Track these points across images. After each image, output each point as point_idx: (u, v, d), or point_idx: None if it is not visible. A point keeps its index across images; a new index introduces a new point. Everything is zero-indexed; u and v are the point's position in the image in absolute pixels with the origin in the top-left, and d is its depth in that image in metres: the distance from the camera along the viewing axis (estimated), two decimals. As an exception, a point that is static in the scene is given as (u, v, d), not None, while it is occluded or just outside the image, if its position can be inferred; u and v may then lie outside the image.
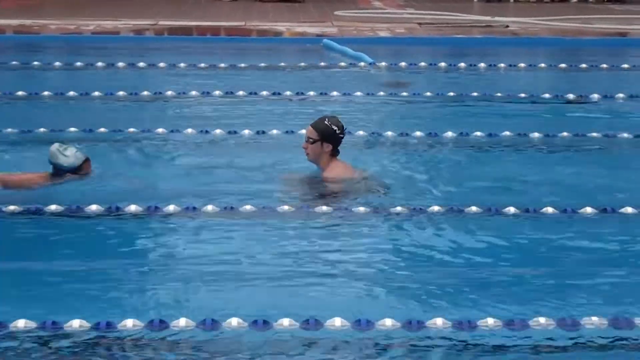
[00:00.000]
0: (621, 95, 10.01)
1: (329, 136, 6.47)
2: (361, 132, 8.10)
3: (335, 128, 6.47)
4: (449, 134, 8.14)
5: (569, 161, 7.58)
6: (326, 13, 17.14)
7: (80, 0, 18.06)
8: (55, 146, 6.38)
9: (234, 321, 4.48)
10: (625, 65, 12.09)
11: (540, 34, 14.98)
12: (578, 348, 4.39)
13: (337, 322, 4.50)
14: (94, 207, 6.05)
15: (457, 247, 5.66)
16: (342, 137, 6.54)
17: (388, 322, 4.51)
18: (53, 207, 6.04)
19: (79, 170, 6.35)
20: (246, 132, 8.10)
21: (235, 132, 8.10)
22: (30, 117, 8.84)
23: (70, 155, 6.33)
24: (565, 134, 8.21)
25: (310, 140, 6.51)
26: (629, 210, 6.16)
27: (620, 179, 7.11)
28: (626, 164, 7.59)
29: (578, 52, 13.51)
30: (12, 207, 6.03)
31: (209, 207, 6.08)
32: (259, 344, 4.36)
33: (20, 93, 9.73)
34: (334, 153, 6.54)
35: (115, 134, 8.04)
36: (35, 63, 11.70)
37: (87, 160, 6.40)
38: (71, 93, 9.73)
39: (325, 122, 6.50)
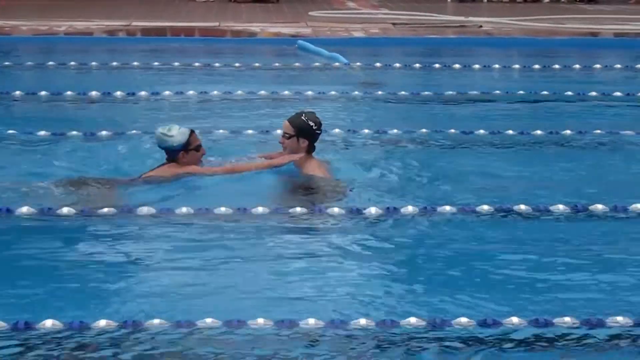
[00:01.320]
0: (593, 94, 10.07)
1: (305, 132, 6.41)
2: (336, 130, 8.08)
3: (312, 124, 6.41)
4: (423, 130, 8.15)
5: (542, 159, 7.61)
6: (300, 13, 17.13)
7: (52, 1, 17.94)
8: (158, 131, 6.36)
9: (209, 320, 4.47)
10: (597, 65, 12.18)
11: (514, 34, 15.05)
12: (552, 347, 4.41)
13: (311, 321, 4.50)
14: (65, 210, 5.99)
15: (432, 247, 5.66)
16: (319, 134, 6.48)
17: (362, 321, 4.52)
18: (25, 209, 5.98)
19: (189, 145, 6.33)
20: (221, 131, 8.04)
21: (209, 132, 8.05)
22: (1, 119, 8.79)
23: (175, 134, 6.31)
24: (538, 132, 8.24)
25: (287, 135, 6.45)
26: (599, 207, 6.19)
27: (593, 176, 7.16)
28: (598, 162, 7.63)
29: (551, 51, 13.58)
30: None
31: (184, 209, 6.04)
32: (236, 343, 4.35)
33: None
34: (310, 149, 6.50)
35: (87, 135, 7.99)
36: (7, 64, 11.62)
37: (192, 132, 6.38)
38: (43, 93, 9.68)
39: (302, 118, 6.44)
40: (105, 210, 5.98)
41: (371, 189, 6.55)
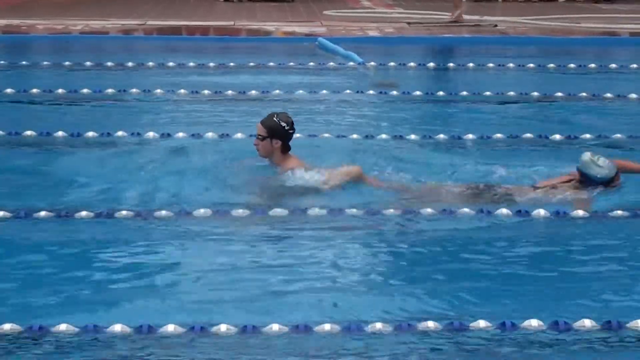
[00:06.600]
0: (609, 94, 10.02)
1: (277, 132, 6.53)
2: (355, 136, 8.04)
3: (284, 124, 6.53)
4: (441, 136, 8.12)
5: (560, 161, 7.56)
6: (315, 13, 17.13)
7: (68, 0, 18.00)
8: (587, 155, 6.33)
9: (223, 327, 4.47)
10: (613, 65, 12.12)
11: (529, 33, 15.00)
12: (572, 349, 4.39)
13: (327, 327, 4.50)
14: (83, 213, 5.98)
15: (452, 248, 5.64)
16: (292, 133, 6.60)
17: (378, 325, 4.51)
18: (43, 213, 5.98)
19: (611, 182, 6.30)
20: (239, 135, 7.99)
21: (227, 135, 8.03)
22: (18, 118, 8.81)
23: (604, 167, 6.29)
24: (557, 136, 8.17)
25: (260, 137, 6.57)
26: (619, 213, 6.16)
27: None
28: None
29: (566, 51, 13.53)
30: (1, 213, 5.96)
31: (202, 211, 6.02)
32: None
33: (8, 91, 9.70)
34: (285, 149, 6.58)
35: (103, 136, 8.00)
36: (24, 63, 11.66)
37: (618, 172, 6.33)
38: (60, 91, 9.70)
39: (274, 119, 6.57)
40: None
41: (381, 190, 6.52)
